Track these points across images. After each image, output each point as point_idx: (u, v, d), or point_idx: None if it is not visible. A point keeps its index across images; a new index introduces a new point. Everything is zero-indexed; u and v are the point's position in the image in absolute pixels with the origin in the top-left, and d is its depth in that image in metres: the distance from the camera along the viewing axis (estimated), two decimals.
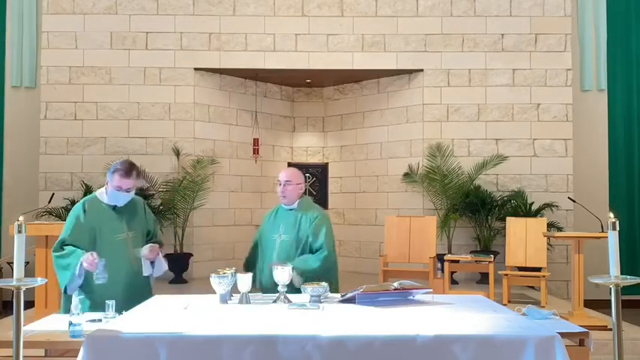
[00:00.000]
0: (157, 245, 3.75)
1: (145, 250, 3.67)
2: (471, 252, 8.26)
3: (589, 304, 6.26)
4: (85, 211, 3.62)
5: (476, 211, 8.41)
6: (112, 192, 3.64)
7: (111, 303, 3.09)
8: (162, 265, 3.80)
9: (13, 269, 2.48)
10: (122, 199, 3.67)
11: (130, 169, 3.64)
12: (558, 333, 2.50)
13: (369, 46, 8.94)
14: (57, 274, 3.53)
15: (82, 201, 3.72)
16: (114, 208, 3.68)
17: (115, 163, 3.73)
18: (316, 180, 10.20)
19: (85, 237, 3.56)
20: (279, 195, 4.05)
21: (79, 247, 3.51)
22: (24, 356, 2.31)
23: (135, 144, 8.78)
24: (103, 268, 3.36)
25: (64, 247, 3.54)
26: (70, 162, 8.64)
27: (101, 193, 3.71)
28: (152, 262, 3.75)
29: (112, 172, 3.64)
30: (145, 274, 3.71)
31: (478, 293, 4.46)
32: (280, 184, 4.01)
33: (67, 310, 3.43)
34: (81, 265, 3.42)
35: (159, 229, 4.01)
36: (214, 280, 3.23)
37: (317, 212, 4.05)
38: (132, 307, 3.15)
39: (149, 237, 3.84)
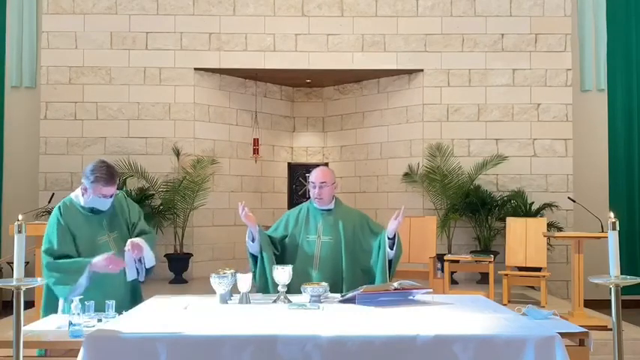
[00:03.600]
0: (136, 241, 3.43)
1: (127, 249, 3.38)
2: (471, 252, 8.27)
3: (589, 304, 6.26)
4: (62, 215, 3.42)
5: (476, 211, 8.41)
6: (93, 199, 3.42)
7: (111, 303, 3.09)
8: (149, 255, 3.49)
9: (13, 269, 2.48)
10: (106, 205, 3.47)
11: (111, 176, 3.41)
12: (558, 333, 2.50)
13: (369, 46, 8.94)
14: (56, 285, 3.30)
15: (57, 207, 3.49)
16: (91, 210, 3.47)
17: (91, 169, 3.42)
18: None
19: (71, 242, 3.38)
20: (313, 197, 3.85)
21: (68, 255, 3.34)
22: (24, 356, 2.31)
23: (135, 144, 8.78)
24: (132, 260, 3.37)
25: (58, 258, 3.32)
26: (70, 162, 8.63)
27: (77, 197, 3.49)
28: (139, 263, 3.50)
29: (91, 182, 3.39)
30: (129, 278, 3.46)
31: (478, 293, 4.46)
32: (315, 187, 3.83)
33: (54, 311, 3.38)
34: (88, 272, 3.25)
35: (142, 219, 3.68)
36: (214, 280, 3.22)
37: (356, 211, 4.08)
38: (120, 312, 3.08)
39: (134, 230, 3.61)
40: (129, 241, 3.43)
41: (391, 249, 3.77)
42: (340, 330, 2.52)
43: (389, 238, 3.78)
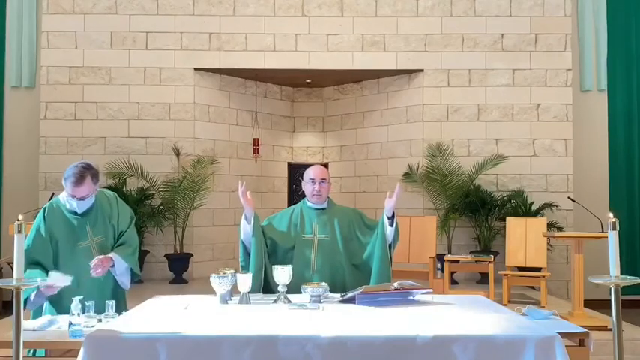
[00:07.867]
0: (108, 256, 3.38)
1: (92, 265, 3.29)
2: (471, 252, 8.26)
3: (589, 304, 6.26)
4: (45, 220, 3.39)
5: (476, 211, 8.41)
6: (68, 199, 3.39)
7: (111, 303, 3.09)
8: (121, 268, 3.44)
9: (13, 269, 2.48)
10: (79, 207, 3.40)
11: (80, 177, 3.30)
12: (558, 333, 2.50)
13: (369, 46, 8.94)
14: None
15: (43, 208, 3.46)
16: (75, 212, 3.42)
17: (69, 168, 3.37)
18: None
19: (47, 248, 3.35)
20: (311, 193, 3.84)
21: (40, 262, 3.30)
22: (24, 356, 2.31)
23: (135, 144, 8.78)
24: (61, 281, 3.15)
25: (30, 262, 3.25)
26: (70, 162, 8.42)
27: (63, 198, 3.45)
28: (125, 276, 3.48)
29: (64, 180, 3.32)
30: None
31: (478, 293, 4.46)
32: (314, 183, 3.83)
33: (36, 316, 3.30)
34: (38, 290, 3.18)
35: (133, 227, 3.62)
36: (214, 280, 3.22)
37: (349, 208, 4.08)
38: (120, 312, 3.08)
39: (119, 238, 3.54)
40: (95, 258, 3.32)
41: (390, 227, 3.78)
42: (340, 330, 2.51)
43: (388, 218, 3.79)
